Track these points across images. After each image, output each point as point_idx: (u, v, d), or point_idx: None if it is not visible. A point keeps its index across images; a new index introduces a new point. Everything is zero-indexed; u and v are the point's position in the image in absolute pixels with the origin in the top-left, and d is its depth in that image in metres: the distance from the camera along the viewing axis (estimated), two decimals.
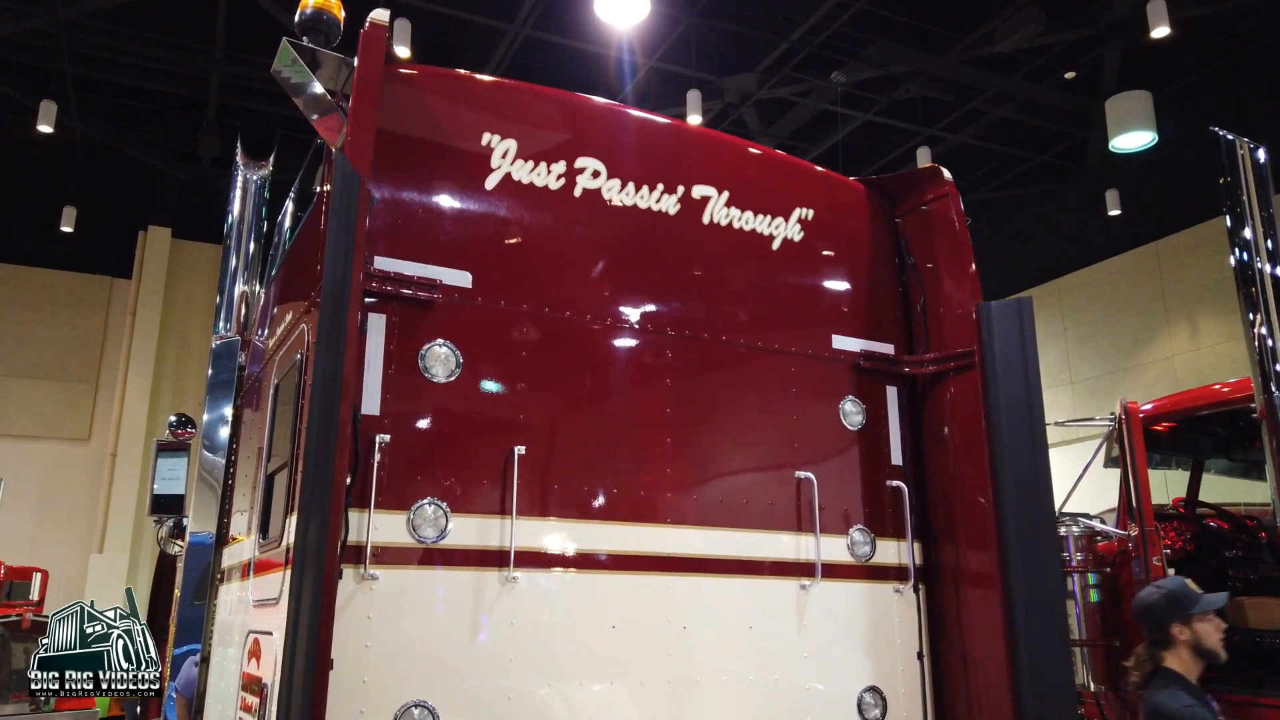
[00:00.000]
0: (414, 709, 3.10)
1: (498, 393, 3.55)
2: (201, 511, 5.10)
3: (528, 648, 3.35)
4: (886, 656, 4.05)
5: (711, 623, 3.72)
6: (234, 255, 6.00)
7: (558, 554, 3.50)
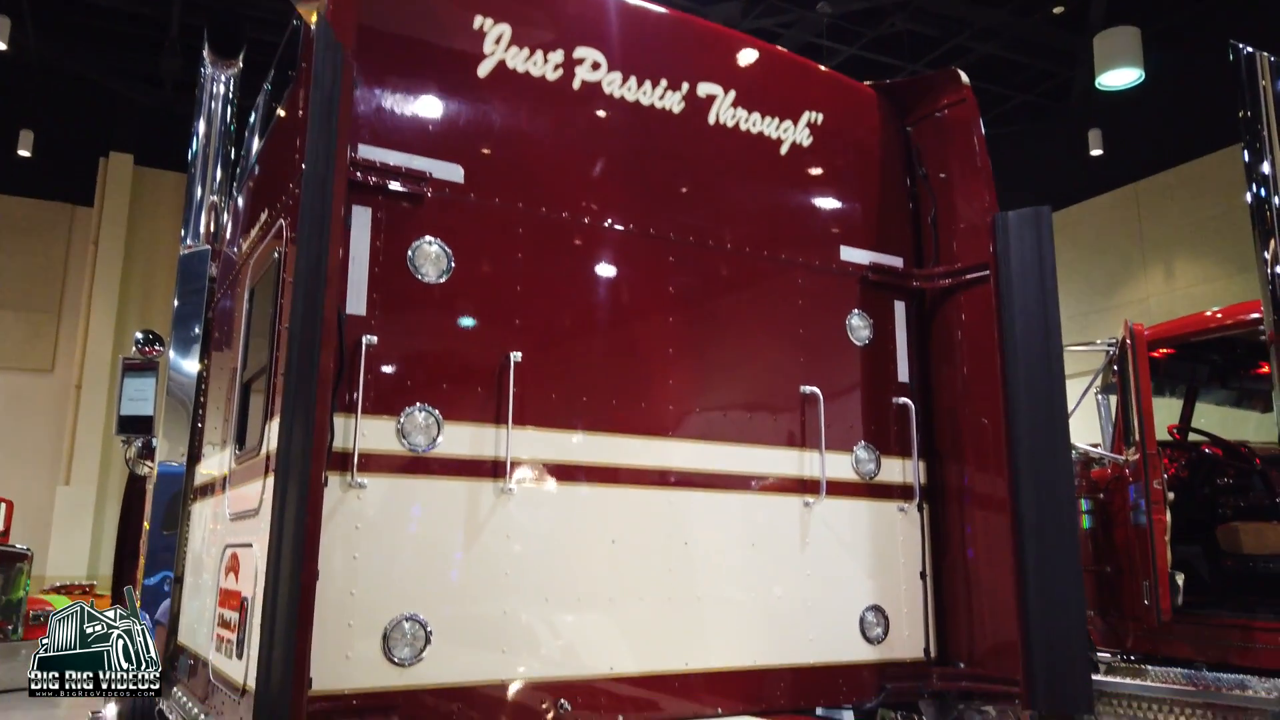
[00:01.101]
0: (404, 623, 2.93)
1: (492, 296, 3.33)
2: (172, 433, 4.87)
3: (524, 562, 3.19)
4: (889, 575, 3.94)
5: (714, 539, 3.58)
6: (202, 160, 5.65)
7: (555, 466, 3.32)
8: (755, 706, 3.51)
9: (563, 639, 3.21)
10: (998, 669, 3.76)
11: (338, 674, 2.80)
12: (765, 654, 3.59)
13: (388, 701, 2.84)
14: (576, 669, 3.19)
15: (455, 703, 2.95)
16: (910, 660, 3.89)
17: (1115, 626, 5.33)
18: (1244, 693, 4.45)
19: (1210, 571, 5.47)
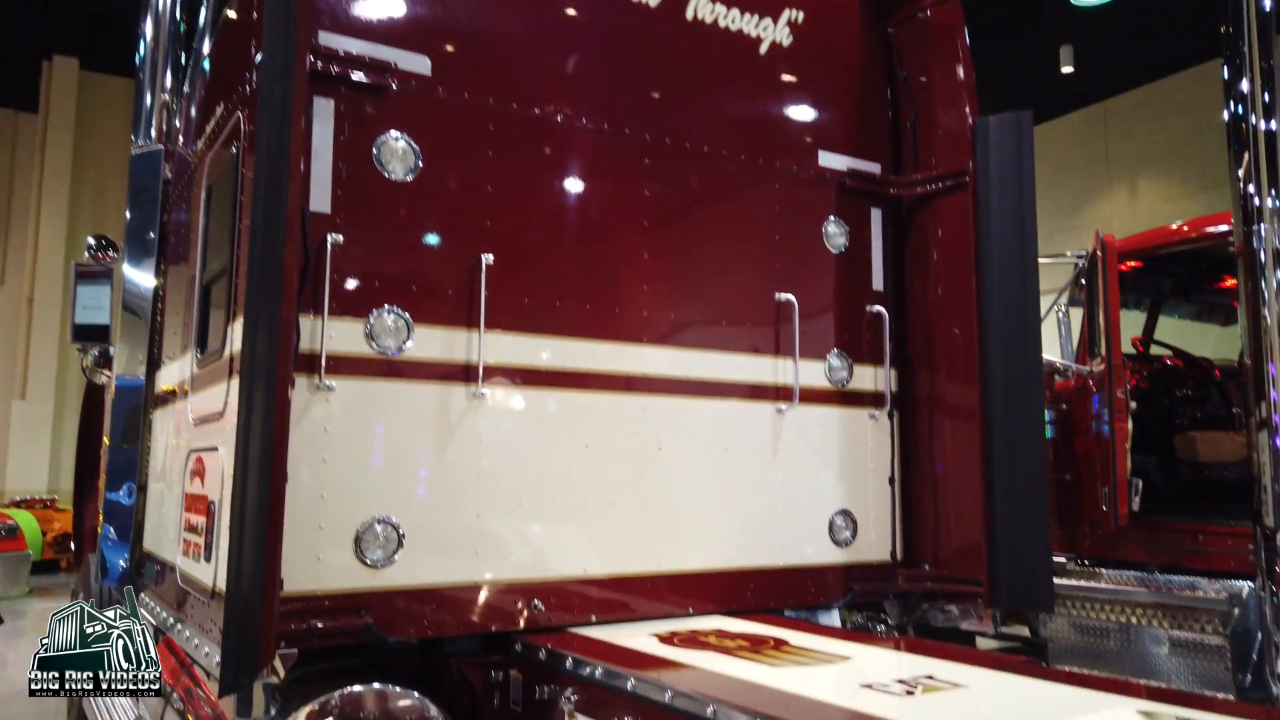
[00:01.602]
0: (376, 525, 2.90)
1: (462, 195, 3.22)
2: (129, 341, 4.73)
3: (496, 466, 3.16)
4: (859, 481, 3.99)
5: (687, 445, 3.58)
6: (151, 63, 5.36)
7: (528, 371, 3.27)
8: (725, 607, 3.57)
9: (535, 542, 3.21)
10: (961, 570, 3.85)
11: (309, 576, 2.78)
12: (736, 557, 3.64)
13: (360, 602, 2.83)
14: (549, 571, 3.21)
15: (428, 604, 2.96)
16: (877, 563, 3.97)
17: (1072, 532, 5.49)
18: (1194, 593, 4.63)
19: (1166, 479, 5.63)
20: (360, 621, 2.81)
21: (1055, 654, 5.21)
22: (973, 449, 3.78)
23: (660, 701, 2.32)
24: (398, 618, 2.90)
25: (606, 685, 2.54)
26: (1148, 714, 2.07)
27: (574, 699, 2.66)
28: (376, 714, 2.77)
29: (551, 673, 2.82)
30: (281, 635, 2.66)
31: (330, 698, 2.72)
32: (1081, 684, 2.37)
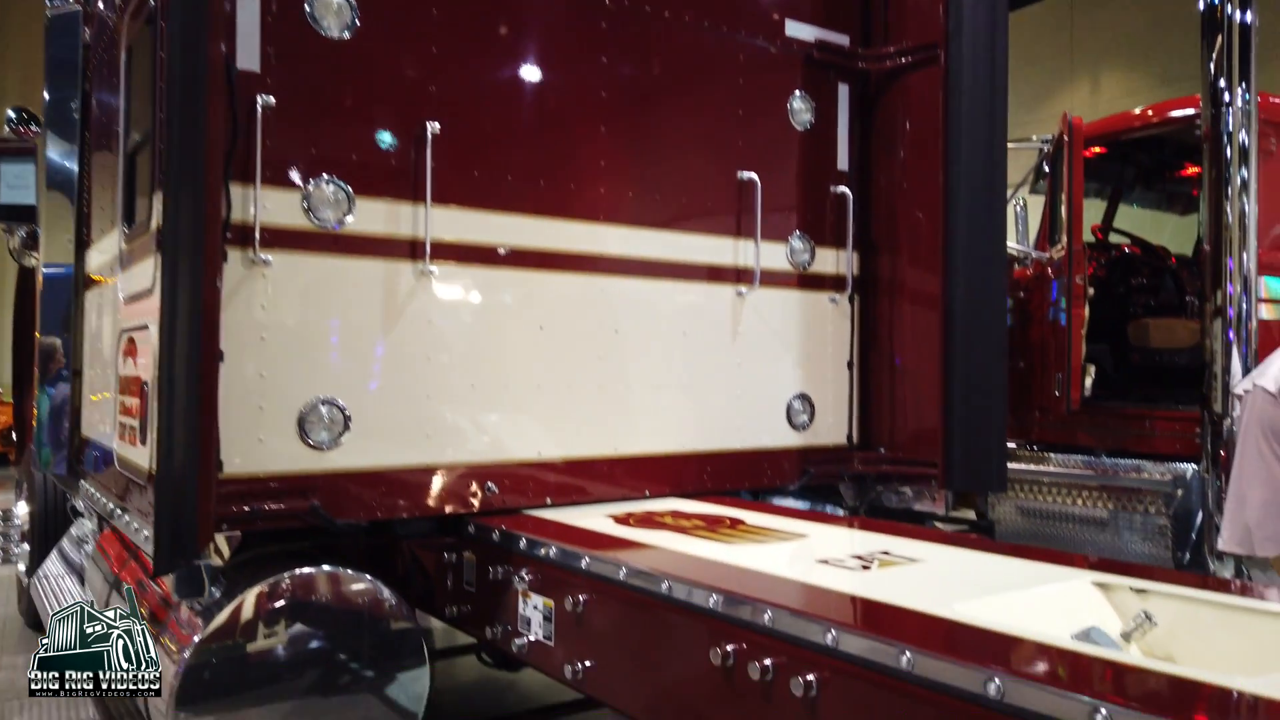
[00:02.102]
0: (321, 406, 2.79)
1: (405, 56, 3.00)
2: (56, 222, 4.45)
3: (448, 347, 3.05)
4: (817, 365, 3.94)
5: (645, 327, 3.48)
6: None
7: (479, 248, 3.12)
8: (681, 490, 3.55)
9: (489, 424, 3.13)
10: (916, 453, 3.86)
11: (251, 457, 2.67)
12: (693, 440, 3.60)
13: (306, 485, 2.74)
14: (503, 454, 3.14)
15: (377, 486, 2.88)
16: (833, 446, 3.97)
17: (1022, 418, 5.55)
18: (1139, 475, 4.72)
19: (1117, 366, 5.70)
20: (306, 504, 2.73)
21: (1001, 536, 5.33)
22: (933, 334, 3.73)
23: (614, 579, 2.28)
24: (346, 500, 2.83)
25: (560, 565, 2.51)
26: (1102, 585, 2.08)
27: (528, 579, 2.63)
28: (328, 596, 2.73)
29: (505, 554, 2.78)
30: (223, 517, 2.58)
31: (281, 579, 2.66)
32: (1035, 558, 2.38)
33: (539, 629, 2.59)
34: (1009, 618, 1.82)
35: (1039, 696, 1.37)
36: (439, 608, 3.04)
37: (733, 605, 1.94)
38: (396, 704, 2.82)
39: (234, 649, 2.59)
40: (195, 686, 2.51)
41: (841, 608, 1.93)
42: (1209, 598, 1.95)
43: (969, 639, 1.69)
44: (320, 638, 2.71)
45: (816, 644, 1.74)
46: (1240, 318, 4.66)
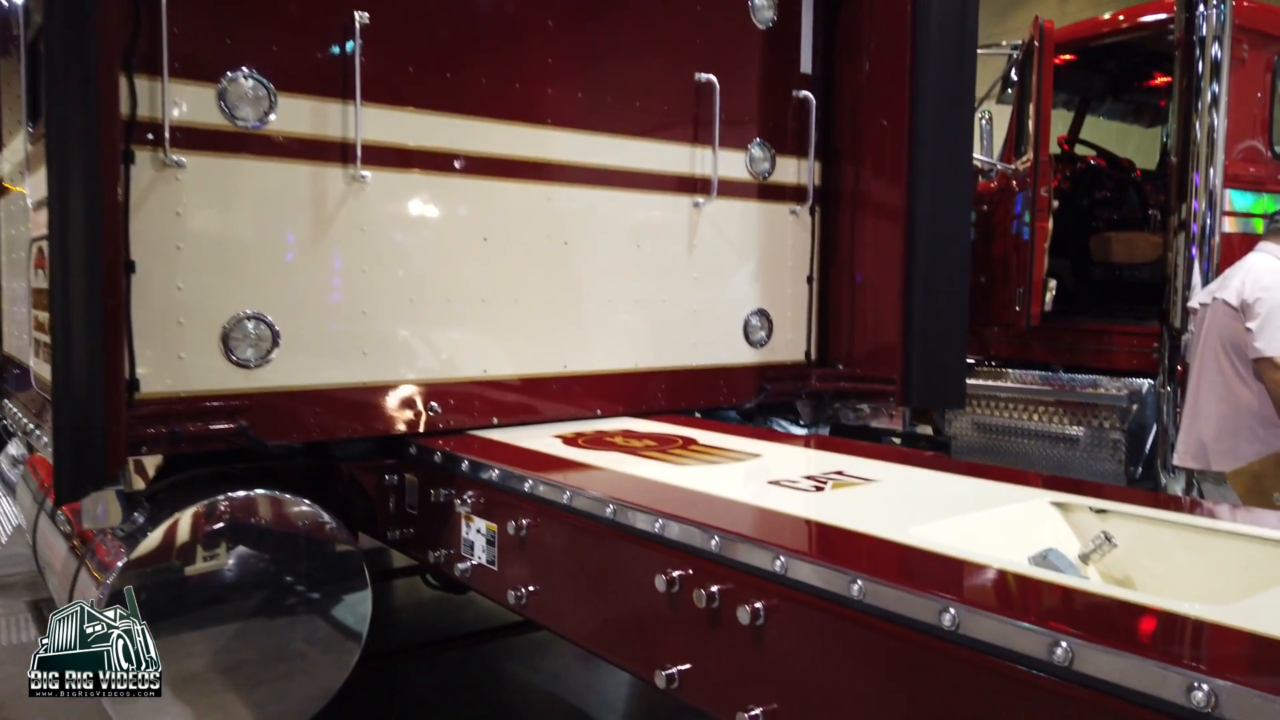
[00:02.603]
0: (246, 322, 2.61)
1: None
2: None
3: (384, 259, 2.86)
4: (776, 280, 3.81)
5: (596, 240, 3.32)
6: None
7: (415, 152, 2.91)
8: (634, 409, 3.45)
9: (431, 341, 2.97)
10: (875, 369, 3.78)
11: (171, 376, 2.50)
12: (647, 357, 3.48)
13: (232, 405, 2.58)
14: (445, 372, 2.99)
15: (312, 406, 2.73)
16: (791, 363, 3.87)
17: (981, 334, 5.50)
18: (1095, 390, 4.71)
19: (1077, 282, 5.64)
20: (234, 425, 2.58)
21: (958, 453, 5.34)
22: (895, 248, 3.60)
23: (558, 502, 2.18)
24: (278, 421, 2.67)
25: (503, 488, 2.39)
26: (1060, 505, 2.01)
27: (470, 502, 2.52)
28: (260, 519, 2.60)
29: (447, 476, 2.66)
30: (140, 440, 2.42)
31: (210, 503, 2.53)
32: (993, 477, 2.31)
33: (482, 553, 2.49)
34: (966, 541, 1.74)
35: (997, 628, 1.29)
36: (380, 531, 2.93)
37: (678, 530, 1.84)
38: (340, 626, 2.74)
39: (162, 574, 2.47)
40: None
41: (791, 532, 1.84)
42: (1169, 518, 1.89)
43: (924, 565, 1.61)
44: (253, 561, 2.60)
45: (764, 571, 1.65)
46: (1203, 233, 4.60)
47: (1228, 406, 3.82)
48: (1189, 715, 1.08)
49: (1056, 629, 1.23)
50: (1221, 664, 1.12)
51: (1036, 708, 1.25)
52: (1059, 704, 1.22)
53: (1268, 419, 3.79)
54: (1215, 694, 1.06)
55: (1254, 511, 1.98)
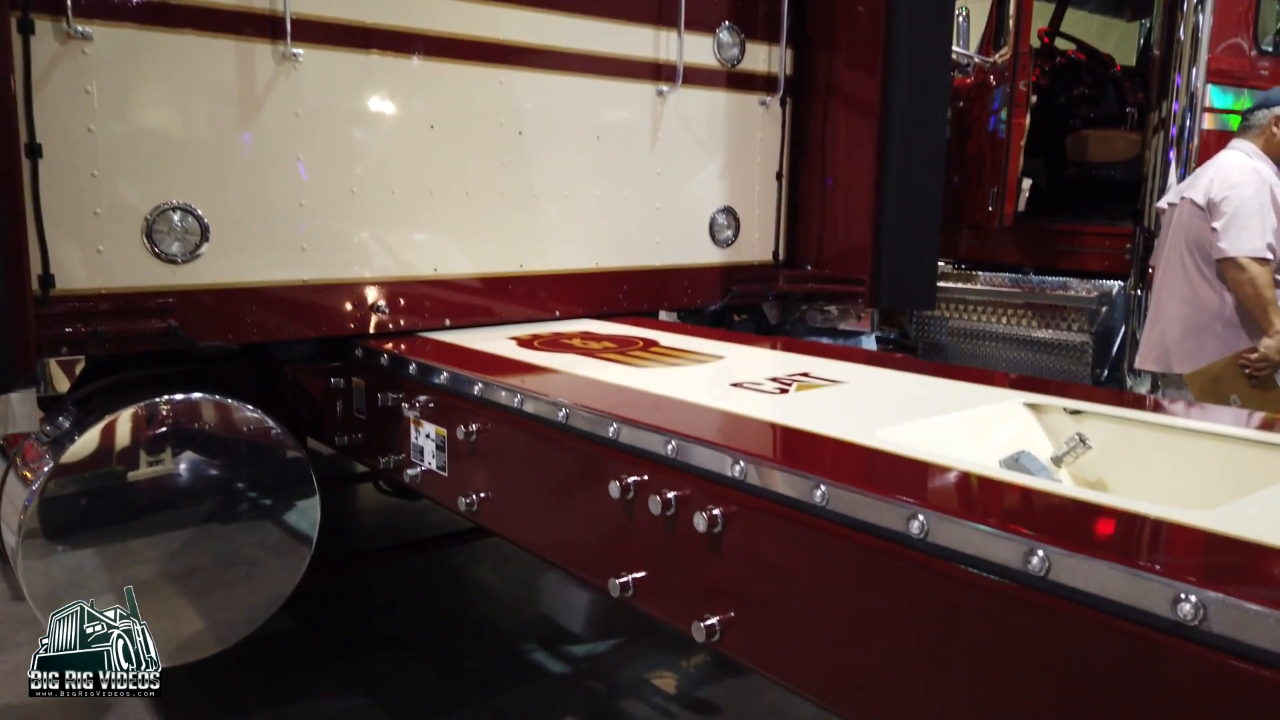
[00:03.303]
0: (172, 213, 2.42)
1: None
2: None
3: (321, 147, 2.65)
4: (744, 176, 3.65)
5: (553, 129, 3.12)
6: None
7: (352, 29, 2.67)
8: (595, 310, 3.31)
9: (375, 236, 2.79)
10: (844, 270, 3.66)
11: (89, 271, 2.32)
12: (608, 257, 3.33)
13: (160, 302, 2.41)
14: (392, 270, 2.83)
15: (247, 305, 2.56)
16: (758, 263, 3.74)
17: (951, 236, 5.39)
18: (1065, 293, 4.64)
19: (1051, 182, 5.52)
20: (163, 324, 2.41)
21: (924, 355, 5.29)
22: (867, 143, 3.44)
23: (509, 406, 2.06)
24: (211, 320, 2.51)
25: (453, 391, 2.27)
26: (1033, 406, 1.93)
27: (419, 407, 2.39)
28: (209, 424, 2.46)
29: (395, 379, 2.52)
30: (59, 339, 2.25)
31: (153, 405, 2.37)
32: (964, 378, 2.22)
33: (432, 459, 2.38)
34: (935, 444, 1.65)
35: (968, 535, 1.21)
36: (328, 435, 2.81)
37: (633, 435, 1.74)
38: (288, 534, 2.64)
39: (96, 479, 2.34)
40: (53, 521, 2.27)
41: (752, 436, 1.74)
42: (1144, 418, 1.81)
43: (891, 469, 1.51)
44: (194, 468, 2.47)
45: (722, 476, 1.55)
46: (1182, 133, 4.47)
47: (1191, 309, 3.76)
48: (1174, 628, 1.00)
49: (1033, 537, 1.14)
50: (1210, 573, 1.04)
51: (1011, 619, 1.17)
52: (1035, 615, 1.14)
53: (1231, 321, 3.74)
54: (1204, 606, 0.98)
55: (1229, 411, 1.91)
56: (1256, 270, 3.51)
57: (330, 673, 3.38)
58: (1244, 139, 3.88)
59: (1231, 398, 3.66)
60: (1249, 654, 0.95)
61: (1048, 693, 1.14)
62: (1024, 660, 1.17)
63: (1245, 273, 3.52)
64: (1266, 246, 3.58)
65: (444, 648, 3.57)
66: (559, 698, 3.23)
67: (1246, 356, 3.59)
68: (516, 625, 3.81)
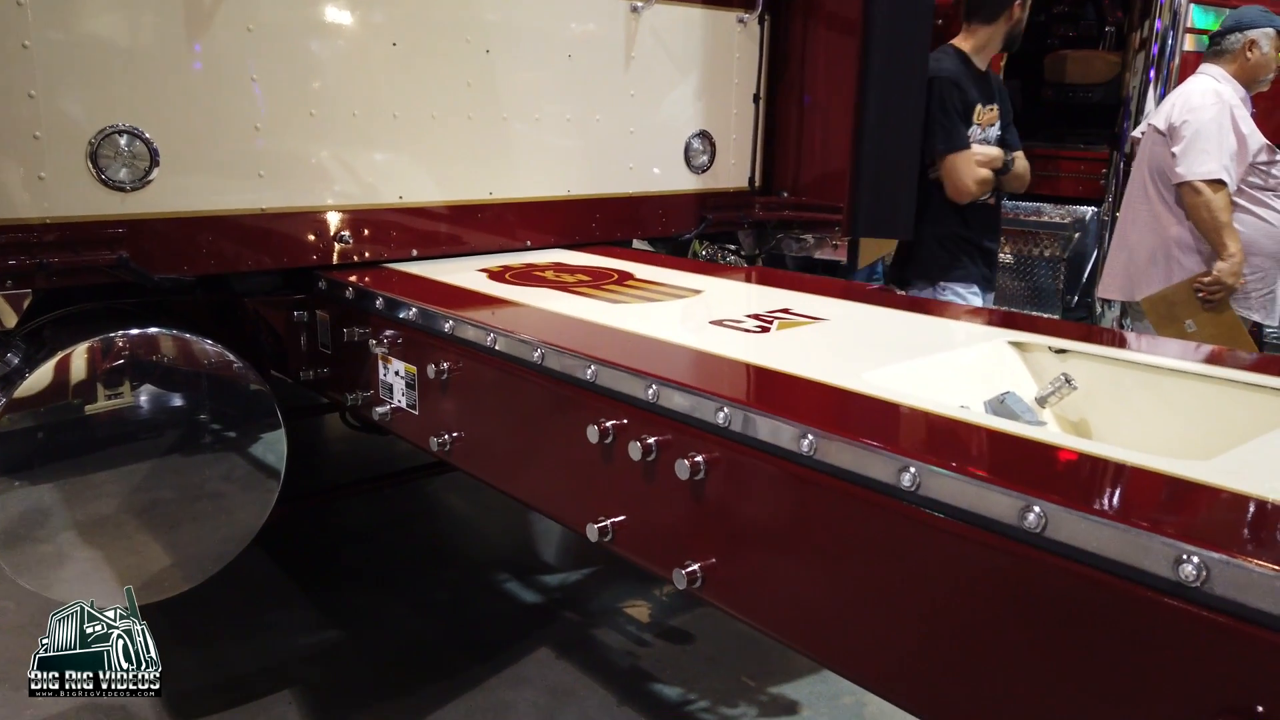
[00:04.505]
0: (118, 136, 2.27)
1: None
2: None
3: (276, 67, 2.50)
4: (720, 98, 3.52)
5: (523, 47, 2.97)
6: None
7: None
8: (567, 239, 3.22)
9: (336, 161, 2.66)
10: (821, 197, 3.58)
11: (33, 199, 2.18)
12: (580, 183, 3.22)
13: (109, 232, 2.28)
14: (354, 198, 2.70)
15: (203, 234, 2.44)
16: (734, 190, 3.64)
17: None
18: (1038, 218, 4.61)
19: (1027, 104, 5.43)
20: (113, 256, 2.29)
21: None
22: (848, 64, 3.33)
23: (482, 345, 1.99)
24: (164, 251, 2.39)
25: (422, 327, 2.19)
26: (1018, 344, 1.90)
27: (387, 342, 2.31)
28: (168, 359, 2.36)
29: (361, 313, 2.43)
30: (2, 273, 2.13)
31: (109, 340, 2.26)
32: (942, 314, 2.19)
33: (401, 396, 2.31)
34: (923, 387, 1.61)
35: (963, 490, 1.17)
36: (293, 370, 2.72)
37: (612, 377, 1.68)
38: (254, 470, 2.58)
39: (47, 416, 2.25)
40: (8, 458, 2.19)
41: (736, 380, 1.69)
42: (1129, 357, 1.78)
43: (881, 417, 1.47)
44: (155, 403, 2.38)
45: (706, 423, 1.50)
46: (1163, 54, 4.40)
47: (1154, 236, 3.75)
48: (1175, 589, 0.98)
49: (1030, 492, 1.11)
50: (1212, 531, 1.01)
51: (1005, 575, 1.15)
52: (1030, 571, 1.12)
53: (1191, 247, 3.75)
54: (1207, 567, 0.96)
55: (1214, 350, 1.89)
56: (1211, 194, 3.50)
57: (302, 607, 3.37)
58: (1215, 64, 3.82)
59: (1186, 323, 3.69)
60: (1251, 616, 0.94)
61: (1040, 650, 1.12)
62: (1018, 617, 1.15)
63: (1200, 196, 3.51)
64: (1223, 169, 3.56)
65: (417, 579, 3.57)
66: (532, 628, 3.25)
67: (1201, 281, 3.60)
68: (489, 556, 3.82)
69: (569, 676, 2.93)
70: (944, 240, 3.51)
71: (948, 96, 3.39)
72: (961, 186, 3.41)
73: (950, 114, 3.39)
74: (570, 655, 3.05)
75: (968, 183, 3.40)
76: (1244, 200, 3.86)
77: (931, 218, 3.50)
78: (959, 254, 3.52)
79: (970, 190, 3.42)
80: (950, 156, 3.40)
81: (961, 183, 3.40)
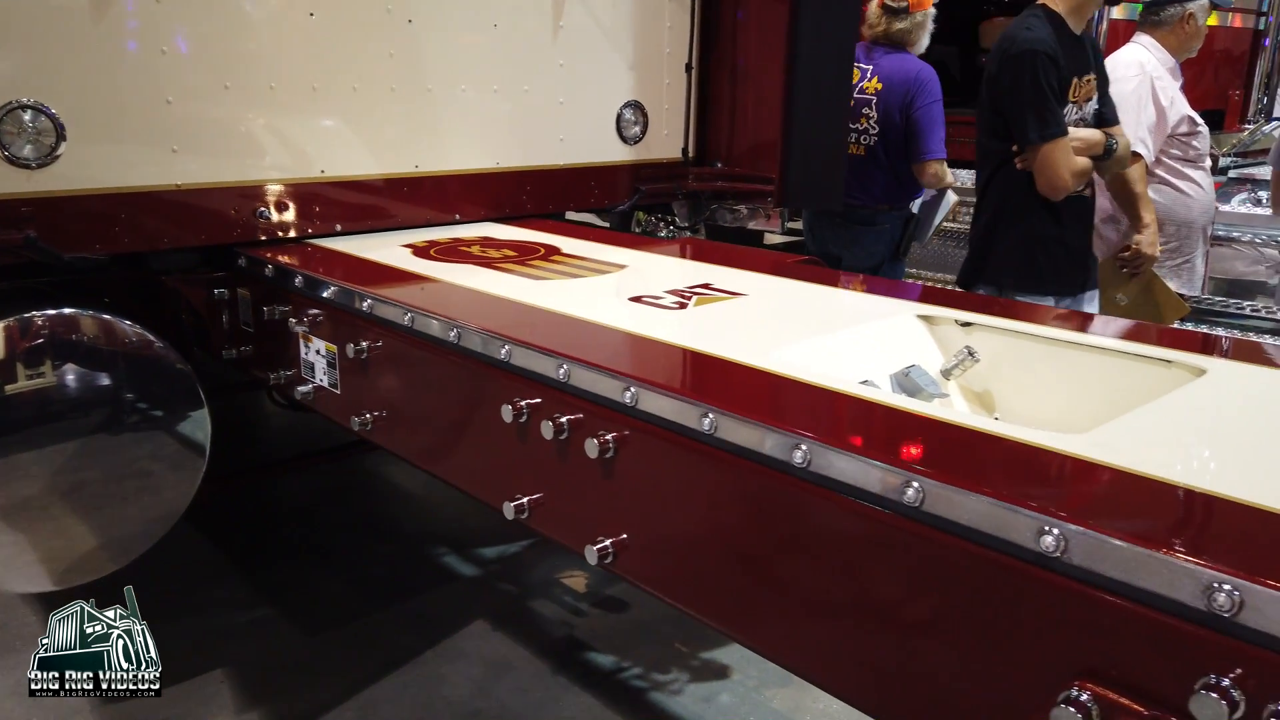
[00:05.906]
0: (21, 112, 2.21)
1: None
2: None
3: (189, 37, 2.43)
4: (653, 68, 3.51)
5: (446, 16, 2.92)
6: None
7: None
8: (498, 213, 3.20)
9: (254, 136, 2.61)
10: (753, 168, 3.60)
11: None
12: (509, 156, 3.19)
13: (15, 211, 2.22)
14: (275, 172, 2.66)
15: (115, 212, 2.38)
16: (667, 161, 3.64)
17: None
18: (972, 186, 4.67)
19: (963, 72, 5.49)
20: (19, 235, 2.23)
21: None
22: (778, 33, 3.33)
23: (400, 324, 1.98)
24: (73, 229, 2.33)
25: (341, 306, 2.17)
26: (926, 318, 1.94)
27: (308, 321, 2.29)
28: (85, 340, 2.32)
29: (281, 292, 2.41)
30: None
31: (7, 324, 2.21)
32: (859, 288, 2.23)
33: (323, 375, 2.29)
34: (830, 363, 1.65)
35: (848, 466, 1.21)
36: (215, 349, 2.68)
37: (526, 357, 1.69)
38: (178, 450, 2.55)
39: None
40: None
41: (645, 360, 1.71)
42: (1032, 330, 1.84)
43: (783, 394, 1.51)
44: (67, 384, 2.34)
45: (614, 402, 1.52)
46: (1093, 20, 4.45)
47: None
48: (1038, 559, 1.03)
49: (909, 469, 1.15)
50: (1073, 504, 1.06)
51: (889, 546, 1.19)
52: (911, 543, 1.16)
53: (1112, 219, 3.84)
54: (1065, 538, 1.01)
55: (1119, 323, 1.95)
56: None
57: (236, 584, 3.35)
58: (1149, 33, 3.88)
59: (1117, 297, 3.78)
60: (1106, 585, 0.99)
61: (922, 618, 1.17)
62: (902, 586, 1.19)
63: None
64: (1139, 141, 3.63)
65: (354, 554, 3.56)
66: (471, 600, 3.27)
67: (1122, 255, 3.69)
68: (427, 529, 3.82)
69: (505, 648, 2.96)
70: (1030, 241, 3.06)
71: (1042, 73, 2.85)
72: (1058, 182, 2.94)
73: (1044, 94, 2.87)
74: (506, 627, 3.08)
75: (1064, 176, 2.93)
76: (1162, 171, 3.96)
77: (1011, 214, 3.07)
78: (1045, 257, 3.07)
79: (1067, 185, 2.96)
80: (1045, 146, 2.90)
81: (1058, 176, 2.93)
